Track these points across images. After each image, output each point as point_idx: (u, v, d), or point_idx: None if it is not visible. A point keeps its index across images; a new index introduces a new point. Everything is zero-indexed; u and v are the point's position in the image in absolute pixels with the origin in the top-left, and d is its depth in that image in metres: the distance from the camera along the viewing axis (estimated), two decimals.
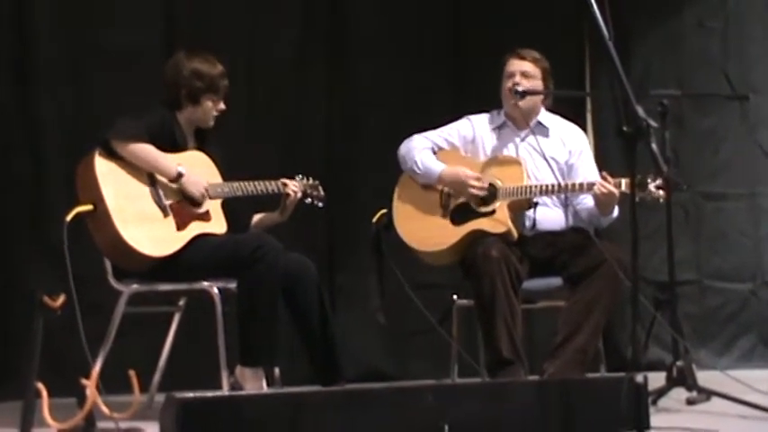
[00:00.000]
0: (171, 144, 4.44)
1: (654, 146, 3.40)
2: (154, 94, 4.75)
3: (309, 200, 4.77)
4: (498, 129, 4.88)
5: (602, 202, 4.57)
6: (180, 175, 4.38)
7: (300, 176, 4.76)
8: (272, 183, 4.65)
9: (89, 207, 4.27)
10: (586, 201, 4.72)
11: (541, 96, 4.84)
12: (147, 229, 4.30)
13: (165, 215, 4.38)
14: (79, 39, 5.51)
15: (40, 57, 5.45)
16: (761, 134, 6.36)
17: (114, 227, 4.24)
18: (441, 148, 4.86)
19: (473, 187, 4.68)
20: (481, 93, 4.97)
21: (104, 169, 4.31)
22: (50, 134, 5.44)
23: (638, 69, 6.21)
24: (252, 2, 5.82)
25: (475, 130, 4.88)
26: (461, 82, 6.04)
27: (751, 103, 6.17)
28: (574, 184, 4.65)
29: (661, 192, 4.40)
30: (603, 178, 4.55)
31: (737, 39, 6.41)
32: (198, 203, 4.44)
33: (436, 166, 4.77)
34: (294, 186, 4.68)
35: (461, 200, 4.74)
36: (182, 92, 4.50)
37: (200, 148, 4.58)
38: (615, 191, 4.51)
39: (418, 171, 4.79)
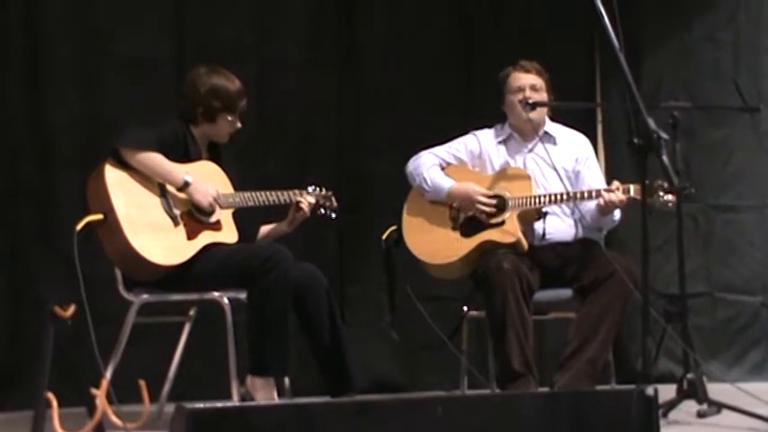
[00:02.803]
0: (184, 155, 4.45)
1: (665, 158, 3.39)
2: (165, 102, 4.76)
3: (322, 210, 4.75)
4: (504, 142, 4.89)
5: (607, 206, 4.58)
6: (186, 184, 4.38)
7: (313, 187, 4.76)
8: (284, 193, 4.64)
9: (99, 216, 4.27)
10: (590, 203, 4.72)
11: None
12: (157, 239, 4.31)
13: (176, 224, 4.39)
14: (90, 46, 5.52)
15: (51, 65, 5.47)
16: None
17: (125, 236, 4.24)
18: (448, 164, 4.87)
19: (481, 203, 4.69)
20: (492, 105, 4.97)
21: (115, 179, 4.32)
22: (61, 142, 5.45)
23: (649, 81, 6.21)
24: (262, 11, 5.83)
25: (481, 144, 4.90)
26: (472, 92, 6.04)
27: (762, 114, 6.16)
28: (582, 192, 4.66)
29: (670, 197, 4.41)
30: (616, 188, 4.55)
31: (748, 51, 6.40)
32: (206, 213, 4.44)
33: (445, 183, 4.78)
34: (307, 202, 4.66)
35: (471, 213, 4.74)
36: (198, 109, 4.51)
37: (212, 160, 4.59)
38: (623, 197, 4.52)
39: (427, 188, 4.80)
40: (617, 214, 4.72)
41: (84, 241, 4.24)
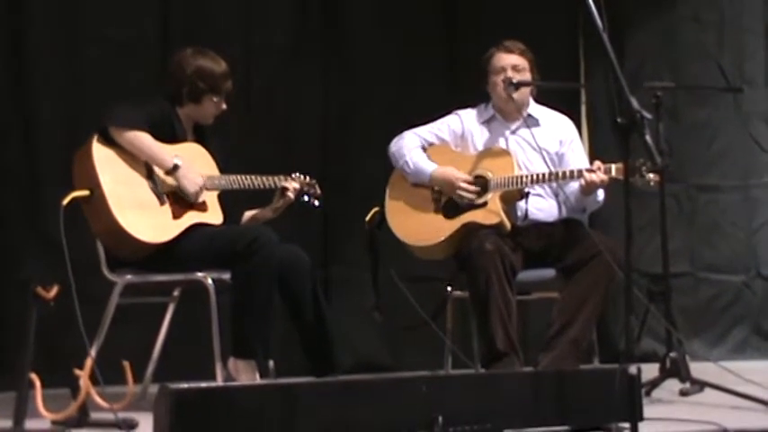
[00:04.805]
0: (170, 136, 4.45)
1: (648, 137, 3.40)
2: (149, 84, 4.75)
3: (306, 197, 4.75)
4: (487, 122, 4.89)
5: (588, 186, 4.58)
6: (176, 167, 4.38)
7: (297, 174, 4.75)
8: (270, 178, 4.64)
9: (86, 192, 4.27)
10: (573, 184, 4.72)
11: (531, 87, 4.85)
12: (143, 216, 4.31)
13: (162, 203, 4.39)
14: (75, 27, 5.50)
15: (36, 46, 5.44)
16: (755, 126, 6.38)
17: (111, 212, 4.24)
18: (431, 144, 4.87)
19: (462, 189, 4.68)
20: (475, 84, 4.96)
21: (102, 155, 4.32)
22: (45, 123, 5.43)
23: (633, 61, 6.21)
24: None
25: (464, 124, 4.89)
26: (456, 74, 6.03)
27: (745, 95, 6.18)
28: (564, 173, 4.66)
29: (652, 176, 4.41)
30: (597, 168, 4.56)
31: (732, 31, 6.41)
32: (191, 200, 4.41)
33: (427, 167, 4.77)
34: (292, 187, 4.65)
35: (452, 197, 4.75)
36: (183, 90, 4.50)
37: (198, 141, 4.58)
38: (604, 177, 4.52)
39: (409, 171, 4.80)
40: (600, 195, 4.72)
41: (67, 222, 4.22)
